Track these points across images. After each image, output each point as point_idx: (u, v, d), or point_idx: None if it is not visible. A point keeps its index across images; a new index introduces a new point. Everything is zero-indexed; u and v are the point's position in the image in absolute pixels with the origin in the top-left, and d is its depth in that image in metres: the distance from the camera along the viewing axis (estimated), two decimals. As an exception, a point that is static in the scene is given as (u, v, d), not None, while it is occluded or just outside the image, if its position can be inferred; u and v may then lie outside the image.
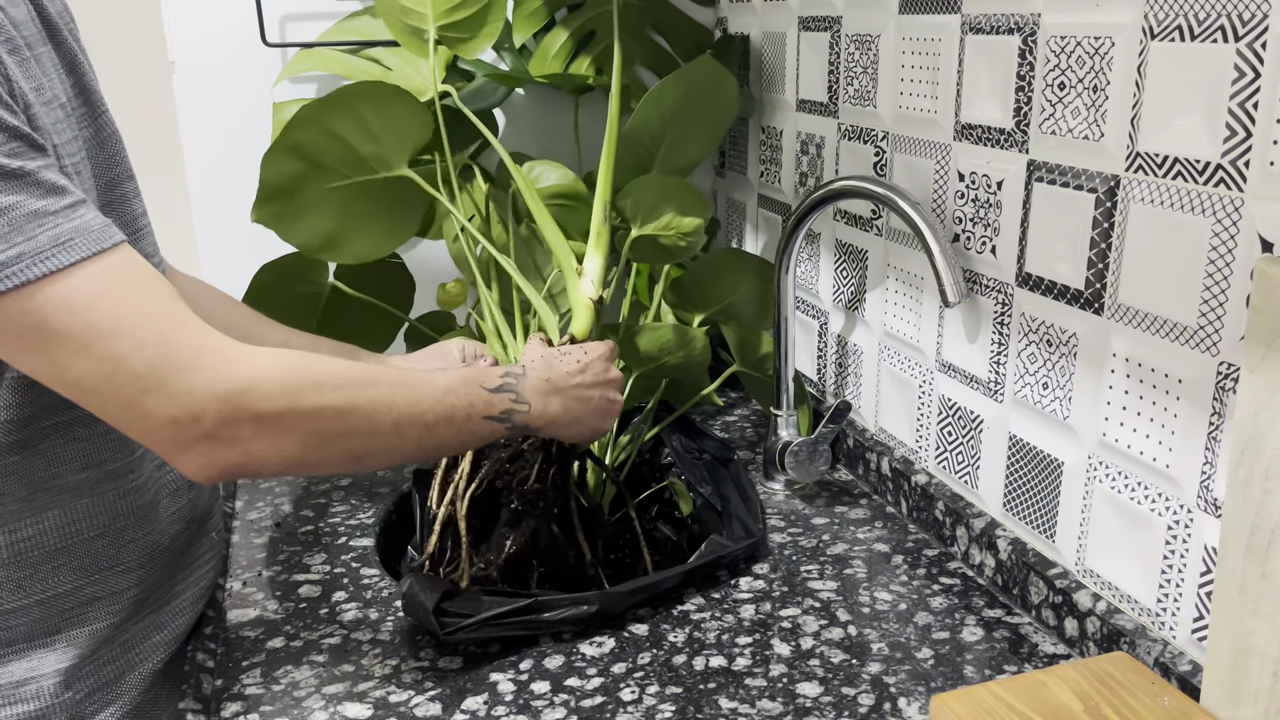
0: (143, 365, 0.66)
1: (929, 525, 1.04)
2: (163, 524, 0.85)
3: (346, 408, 0.74)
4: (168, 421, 0.68)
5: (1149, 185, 0.75)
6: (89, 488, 0.79)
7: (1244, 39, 0.67)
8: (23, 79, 0.70)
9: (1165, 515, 0.78)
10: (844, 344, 1.22)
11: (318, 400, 0.73)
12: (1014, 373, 0.92)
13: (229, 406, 0.69)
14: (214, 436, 0.69)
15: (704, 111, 1.19)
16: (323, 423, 0.73)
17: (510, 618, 0.85)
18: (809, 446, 1.11)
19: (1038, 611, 0.89)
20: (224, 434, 0.69)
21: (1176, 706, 0.70)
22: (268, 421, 0.70)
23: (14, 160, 0.64)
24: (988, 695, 0.71)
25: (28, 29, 0.75)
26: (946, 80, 0.97)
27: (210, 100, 1.31)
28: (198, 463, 0.70)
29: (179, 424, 0.68)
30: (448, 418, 0.80)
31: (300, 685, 0.84)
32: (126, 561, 0.82)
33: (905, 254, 1.07)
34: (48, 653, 0.78)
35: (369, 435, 0.76)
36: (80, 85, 0.80)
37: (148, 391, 0.67)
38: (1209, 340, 0.72)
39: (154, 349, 0.67)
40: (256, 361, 0.71)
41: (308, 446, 0.73)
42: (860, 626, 0.90)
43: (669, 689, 0.82)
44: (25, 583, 0.77)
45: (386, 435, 0.77)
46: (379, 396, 0.76)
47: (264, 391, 0.70)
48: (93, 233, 0.67)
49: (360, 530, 1.09)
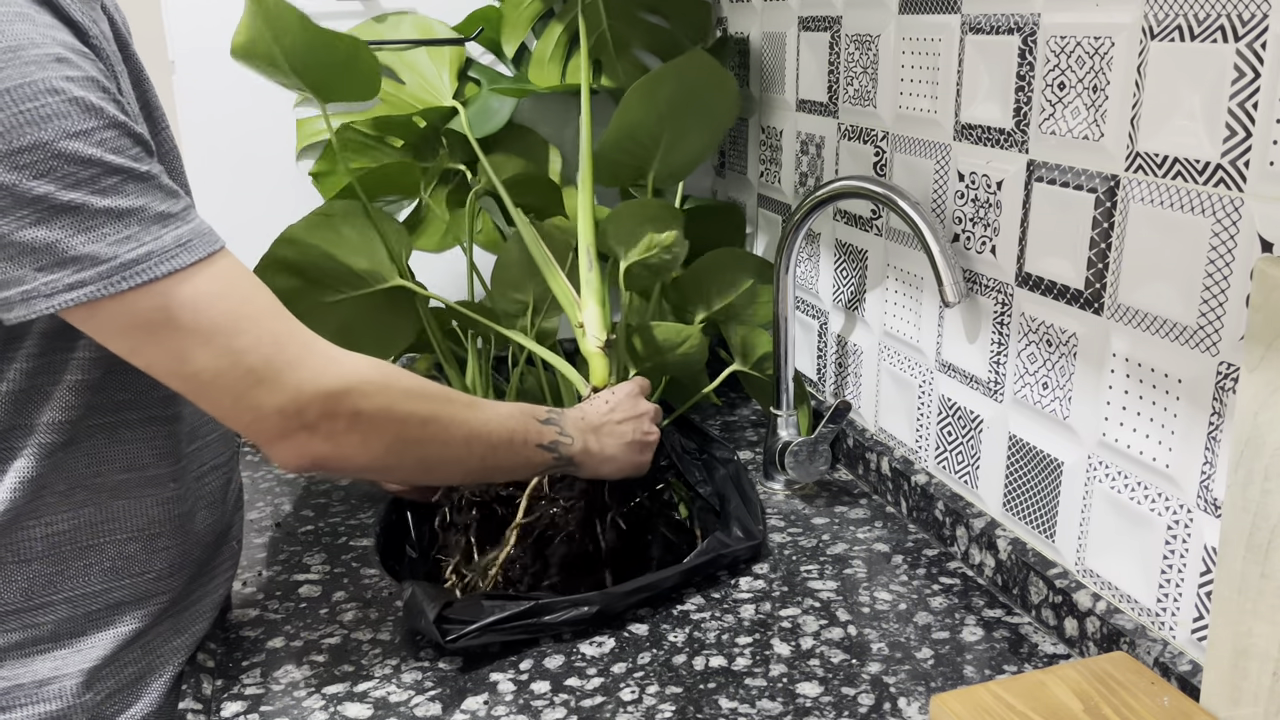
0: (259, 360, 0.71)
1: (929, 525, 1.04)
2: (196, 535, 0.86)
3: (430, 417, 0.80)
4: (275, 411, 0.73)
5: (1149, 185, 0.75)
6: (126, 490, 0.80)
7: (1244, 39, 0.67)
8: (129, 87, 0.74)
9: (1165, 515, 0.78)
10: (844, 344, 1.22)
11: (409, 406, 0.79)
12: (1014, 373, 0.92)
13: (333, 402, 0.74)
14: (313, 428, 0.74)
15: (703, 110, 1.18)
16: (409, 428, 0.79)
17: (511, 622, 0.85)
18: (809, 446, 1.11)
19: (1038, 611, 0.89)
20: (323, 427, 0.74)
21: (1176, 706, 0.70)
22: (364, 420, 0.76)
23: (141, 164, 0.68)
24: (988, 695, 0.71)
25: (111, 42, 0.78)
26: (946, 80, 0.97)
27: (210, 99, 1.31)
28: (293, 453, 0.75)
29: (285, 415, 0.73)
30: (508, 440, 0.87)
31: (300, 685, 0.84)
32: (157, 569, 0.82)
33: (905, 254, 1.07)
34: (72, 653, 0.79)
35: (443, 444, 0.83)
36: (145, 100, 0.83)
37: (261, 384, 0.72)
38: (1209, 340, 0.72)
39: (269, 345, 0.72)
40: (358, 363, 0.76)
41: (391, 449, 0.79)
42: (860, 626, 0.90)
43: (669, 689, 0.82)
44: (56, 579, 0.78)
45: (458, 447, 0.84)
46: (456, 412, 0.83)
47: (365, 392, 0.76)
48: (205, 235, 0.71)
49: (360, 530, 1.09)
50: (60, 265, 0.66)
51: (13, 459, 0.75)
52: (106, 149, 0.66)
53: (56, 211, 0.65)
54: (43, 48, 0.65)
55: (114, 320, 0.69)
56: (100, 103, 0.67)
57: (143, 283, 0.67)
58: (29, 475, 0.75)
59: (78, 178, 0.65)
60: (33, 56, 0.65)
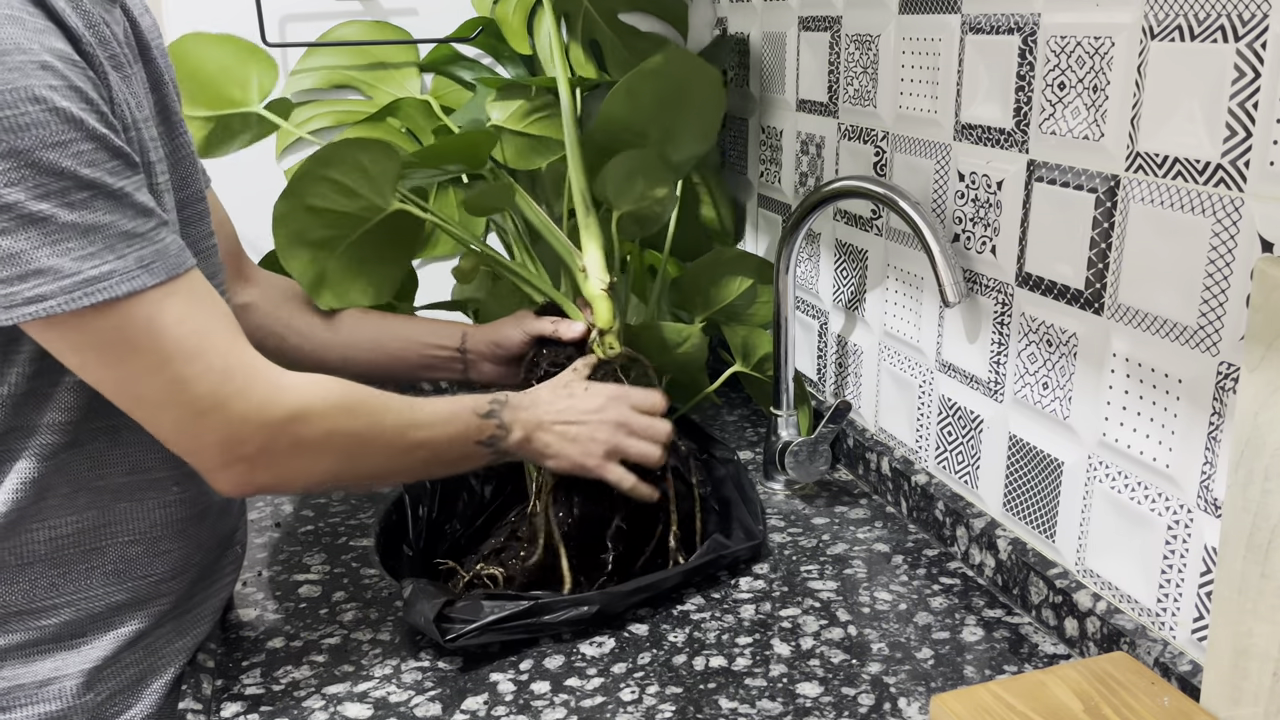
0: (205, 390, 0.71)
1: (929, 525, 1.04)
2: (200, 539, 0.86)
3: (371, 433, 0.80)
4: (216, 443, 0.73)
5: (1149, 185, 0.75)
6: (129, 493, 0.80)
7: (1244, 39, 0.67)
8: (128, 96, 0.74)
9: (1165, 515, 0.78)
10: (844, 344, 1.22)
11: (350, 425, 0.79)
12: (1014, 373, 0.92)
13: (275, 432, 0.74)
14: (252, 460, 0.74)
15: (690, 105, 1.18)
16: (350, 447, 0.79)
17: (511, 621, 0.85)
18: (809, 446, 1.11)
19: (1038, 611, 0.89)
20: (261, 459, 0.74)
21: (1176, 706, 0.70)
22: (305, 446, 0.76)
23: (116, 179, 0.68)
24: (988, 695, 0.71)
25: (127, 46, 0.78)
26: (946, 80, 0.97)
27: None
28: (233, 481, 0.75)
29: (226, 446, 0.73)
30: (448, 442, 0.86)
31: (300, 685, 0.84)
32: (160, 572, 0.82)
33: (905, 254, 1.07)
34: (72, 654, 0.79)
35: (385, 457, 0.83)
36: (162, 104, 0.83)
37: (205, 414, 0.72)
38: (1209, 340, 0.72)
39: (218, 375, 0.72)
40: (303, 390, 0.76)
41: (331, 470, 0.80)
42: (860, 626, 0.90)
43: (669, 689, 0.82)
44: (59, 582, 0.78)
45: (399, 457, 0.84)
46: (399, 422, 0.82)
47: (306, 419, 0.76)
48: (171, 256, 0.70)
49: (360, 530, 1.09)
50: (22, 278, 0.65)
51: (15, 460, 0.75)
52: (81, 162, 0.66)
53: (24, 222, 0.64)
54: (29, 54, 0.65)
55: (69, 335, 0.68)
56: (82, 114, 0.66)
57: (101, 301, 0.67)
58: (31, 477, 0.75)
59: (48, 189, 0.65)
60: (17, 62, 0.64)
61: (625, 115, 1.14)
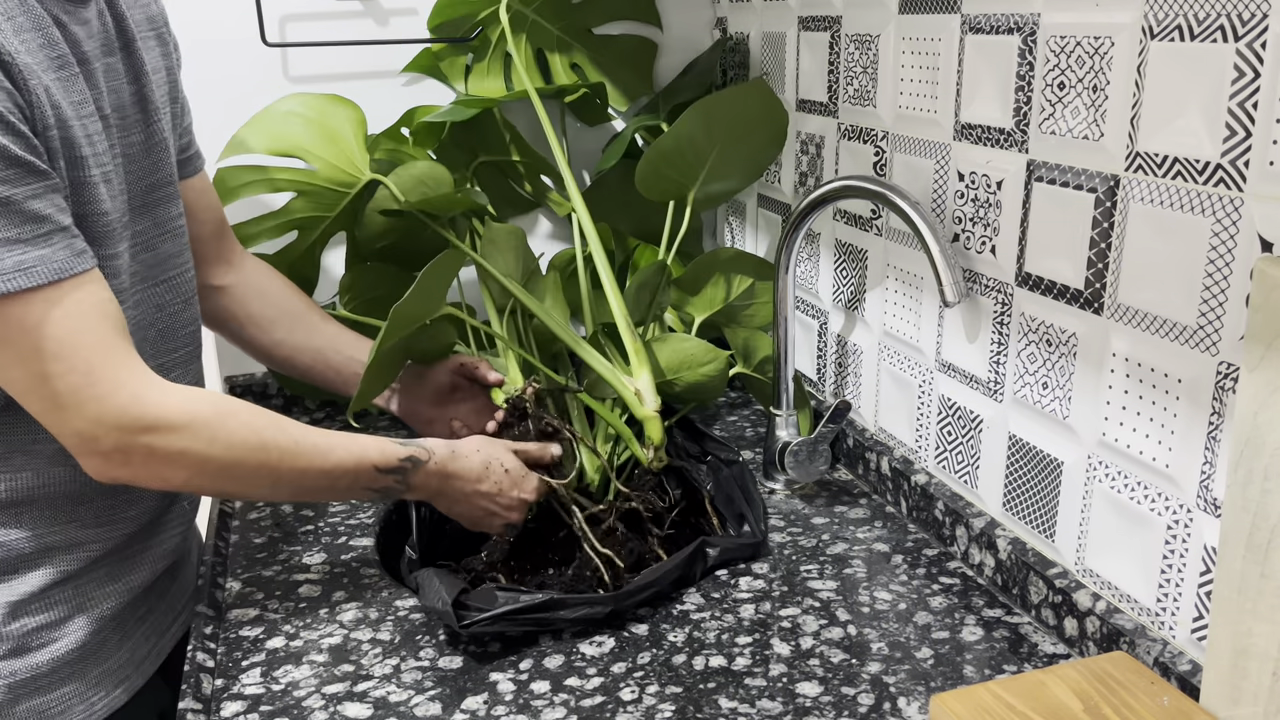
0: (64, 387, 0.76)
1: (929, 525, 1.04)
2: (137, 497, 0.92)
3: (233, 462, 0.83)
4: (72, 433, 0.78)
5: (1149, 185, 0.75)
6: (64, 458, 0.85)
7: (1244, 39, 0.67)
8: (62, 95, 0.78)
9: (1165, 515, 0.78)
10: (844, 344, 1.22)
11: (207, 450, 0.81)
12: (1014, 372, 0.92)
13: (126, 438, 0.78)
14: (107, 456, 0.79)
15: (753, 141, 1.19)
16: (208, 467, 0.82)
17: (525, 614, 0.86)
18: (809, 446, 1.11)
19: (1037, 611, 0.89)
20: (116, 457, 0.79)
21: (1176, 706, 0.70)
22: (158, 457, 0.80)
23: (5, 188, 0.72)
24: (987, 695, 0.71)
25: (94, 41, 0.83)
26: (946, 80, 0.97)
27: (210, 100, 1.31)
28: (93, 470, 0.80)
29: (81, 438, 0.78)
30: (329, 488, 0.90)
31: (300, 685, 0.84)
32: (87, 520, 0.88)
33: (905, 254, 1.07)
34: (2, 587, 0.85)
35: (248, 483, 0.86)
36: (140, 94, 0.89)
37: (62, 409, 0.77)
38: (1209, 340, 0.72)
39: (79, 375, 0.76)
40: (165, 407, 0.80)
41: (190, 482, 0.83)
42: (860, 626, 0.90)
43: (669, 689, 0.82)
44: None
45: (264, 488, 0.88)
46: (267, 460, 0.85)
47: (160, 434, 0.79)
48: (56, 262, 0.75)
49: (360, 530, 1.09)
50: None
51: None
52: None
53: None
54: None
55: None
56: None
57: None
58: None
59: None
60: None
61: (695, 135, 1.14)
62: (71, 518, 0.88)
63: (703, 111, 1.13)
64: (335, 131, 1.23)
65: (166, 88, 0.95)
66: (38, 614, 0.86)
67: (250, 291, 1.11)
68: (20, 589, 0.86)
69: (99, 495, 0.89)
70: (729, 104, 1.14)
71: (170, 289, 0.94)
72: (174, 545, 0.99)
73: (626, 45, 1.42)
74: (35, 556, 0.86)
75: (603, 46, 1.41)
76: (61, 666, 0.87)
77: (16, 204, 0.73)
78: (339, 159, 1.22)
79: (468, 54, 1.39)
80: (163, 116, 0.92)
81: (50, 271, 0.74)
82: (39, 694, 0.86)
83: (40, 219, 0.74)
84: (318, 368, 1.13)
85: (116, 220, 0.85)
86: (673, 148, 1.15)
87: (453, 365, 1.15)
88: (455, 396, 1.15)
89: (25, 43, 0.75)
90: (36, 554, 0.86)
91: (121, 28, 0.88)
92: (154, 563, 0.95)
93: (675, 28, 1.46)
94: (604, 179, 1.39)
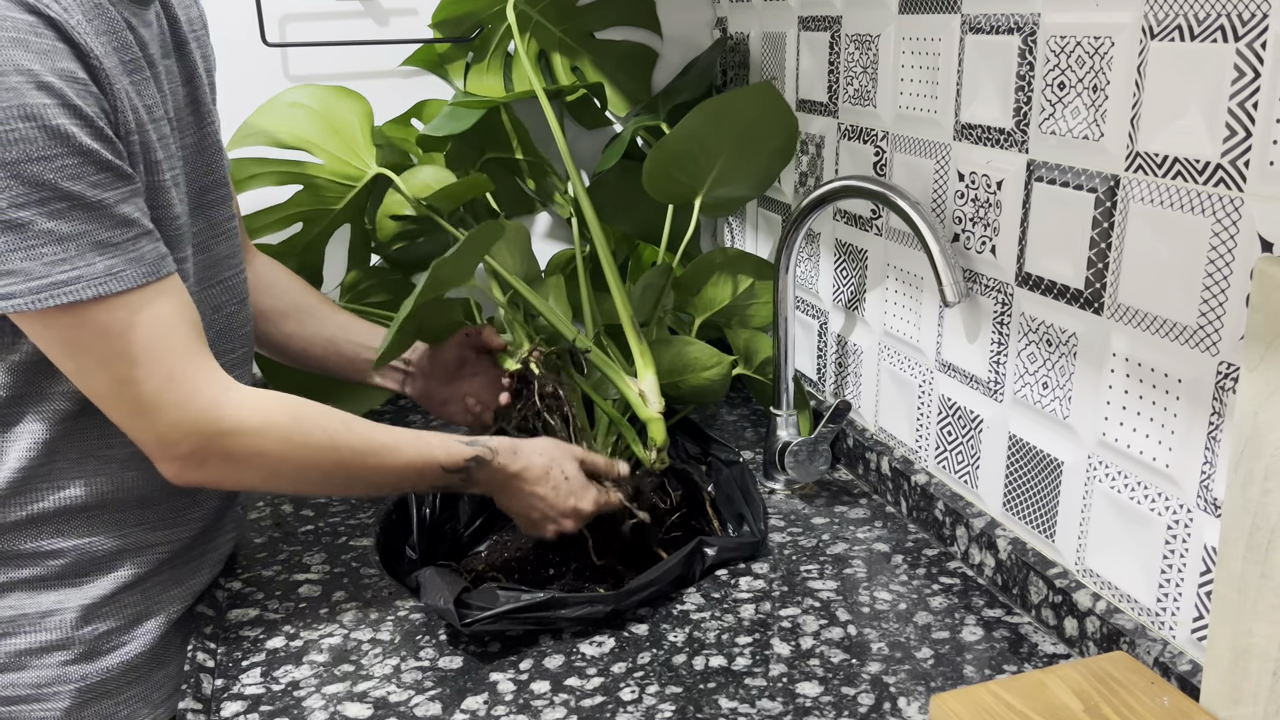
0: (146, 393, 0.77)
1: (929, 525, 1.04)
2: (200, 499, 0.93)
3: (306, 464, 0.85)
4: (152, 438, 0.79)
5: (1149, 185, 0.75)
6: (136, 463, 0.85)
7: (1244, 39, 0.67)
8: (138, 99, 0.79)
9: (1165, 515, 0.78)
10: (844, 344, 1.22)
11: (282, 450, 0.83)
12: (1014, 372, 0.92)
13: (204, 443, 0.80)
14: (185, 459, 0.80)
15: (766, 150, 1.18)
16: (281, 469, 0.84)
17: (527, 612, 0.86)
18: (809, 446, 1.11)
19: (1037, 611, 0.89)
20: (193, 460, 0.80)
21: (1176, 706, 0.70)
22: (234, 460, 0.81)
23: (97, 192, 0.73)
24: (988, 695, 0.71)
25: (155, 45, 0.83)
26: (946, 80, 0.97)
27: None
28: (170, 473, 0.81)
29: (160, 443, 0.79)
30: (395, 485, 0.92)
31: (300, 685, 0.84)
32: (160, 528, 0.89)
33: (905, 254, 1.07)
34: (74, 591, 0.85)
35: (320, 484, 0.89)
36: (193, 96, 0.90)
37: (142, 414, 0.78)
38: (1209, 340, 0.72)
39: (160, 381, 0.77)
40: (241, 410, 0.81)
41: (266, 482, 0.85)
42: (860, 626, 0.90)
43: (669, 689, 0.82)
44: (64, 529, 0.85)
45: (333, 489, 0.93)
46: (340, 460, 0.86)
47: (236, 437, 0.81)
48: (144, 266, 0.76)
49: (360, 530, 1.09)
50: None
51: (28, 423, 0.82)
52: (64, 175, 0.71)
53: (4, 227, 0.70)
54: (29, 74, 0.70)
55: (34, 328, 0.76)
56: (71, 129, 0.71)
57: (65, 303, 0.73)
58: (42, 439, 0.82)
59: (29, 199, 0.70)
60: (13, 83, 0.69)
61: (704, 137, 1.14)
62: (140, 520, 0.88)
63: (711, 113, 1.12)
64: (341, 124, 1.23)
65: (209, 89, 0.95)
66: (108, 618, 0.87)
67: (260, 286, 1.11)
68: (92, 593, 0.86)
69: (166, 498, 0.89)
70: (738, 107, 1.13)
71: (226, 290, 0.95)
72: (228, 549, 1.00)
73: (627, 51, 1.42)
74: (107, 560, 0.86)
75: (604, 51, 1.41)
76: (129, 670, 0.88)
77: (108, 208, 0.73)
78: (345, 152, 1.22)
79: (468, 52, 1.39)
80: (215, 118, 0.93)
81: (138, 275, 0.75)
82: (107, 698, 0.87)
83: (129, 223, 0.75)
84: (331, 358, 1.13)
85: (185, 224, 0.86)
86: (682, 149, 1.14)
87: (458, 338, 1.15)
88: (465, 371, 1.15)
89: (103, 46, 0.75)
90: (108, 557, 0.86)
91: (175, 30, 0.88)
92: (212, 566, 0.96)
93: (675, 27, 1.46)
94: (603, 179, 1.39)
